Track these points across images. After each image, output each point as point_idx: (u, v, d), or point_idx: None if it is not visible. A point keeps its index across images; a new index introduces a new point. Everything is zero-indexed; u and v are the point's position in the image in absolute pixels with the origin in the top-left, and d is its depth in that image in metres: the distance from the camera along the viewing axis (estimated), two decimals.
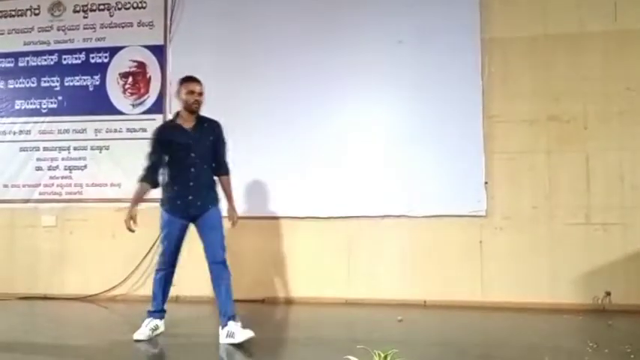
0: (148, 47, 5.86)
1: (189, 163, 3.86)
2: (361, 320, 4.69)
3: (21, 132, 6.02)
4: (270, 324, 4.56)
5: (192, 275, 5.39)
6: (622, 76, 5.02)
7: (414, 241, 5.23)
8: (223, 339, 3.67)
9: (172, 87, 3.87)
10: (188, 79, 3.97)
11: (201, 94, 3.93)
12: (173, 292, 5.40)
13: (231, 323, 3.69)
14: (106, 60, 5.93)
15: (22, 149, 6.00)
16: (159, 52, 5.84)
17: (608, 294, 4.83)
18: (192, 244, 4.02)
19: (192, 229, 3.97)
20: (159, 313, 4.01)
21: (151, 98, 5.82)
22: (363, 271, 5.29)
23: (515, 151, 5.15)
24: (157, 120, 5.73)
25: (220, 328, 3.74)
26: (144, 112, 5.81)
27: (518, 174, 5.14)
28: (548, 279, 4.96)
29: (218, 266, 3.83)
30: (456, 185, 5.17)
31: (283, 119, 5.49)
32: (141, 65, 5.87)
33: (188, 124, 3.93)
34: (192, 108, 3.90)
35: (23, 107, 6.05)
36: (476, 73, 5.24)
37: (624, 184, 4.97)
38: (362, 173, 5.35)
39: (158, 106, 5.78)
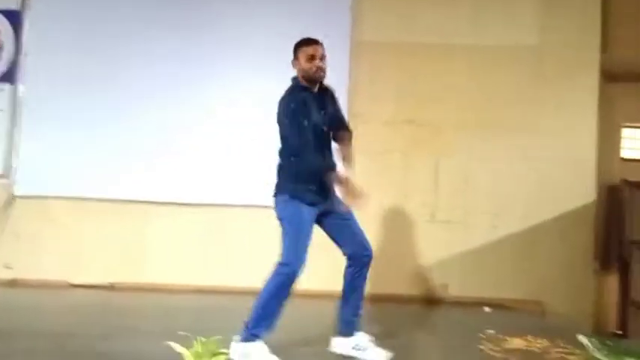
0: (1, 12, 5.40)
1: (322, 139, 3.14)
2: (215, 308, 4.69)
3: None
4: (119, 310, 4.41)
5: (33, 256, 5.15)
6: (474, 88, 5.44)
7: (275, 233, 5.25)
8: (349, 350, 3.15)
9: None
10: (306, 42, 3.17)
11: (323, 57, 3.13)
12: (10, 275, 5.14)
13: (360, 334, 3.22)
14: None
15: None
16: (13, 17, 5.40)
17: (446, 286, 5.24)
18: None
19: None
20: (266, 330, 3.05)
21: (1, 67, 5.38)
22: (225, 259, 5.26)
23: (375, 150, 5.39)
24: (6, 90, 5.35)
25: (341, 336, 3.21)
26: None
27: (375, 172, 5.36)
28: (394, 272, 5.24)
29: (368, 260, 3.21)
30: None
31: (149, 103, 5.34)
32: None
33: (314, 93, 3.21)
34: (314, 77, 3.13)
35: None
36: (344, 72, 5.41)
37: (468, 187, 5.40)
38: (220, 162, 5.33)
39: (10, 76, 5.37)
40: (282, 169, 3.21)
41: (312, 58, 3.11)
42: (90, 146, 5.25)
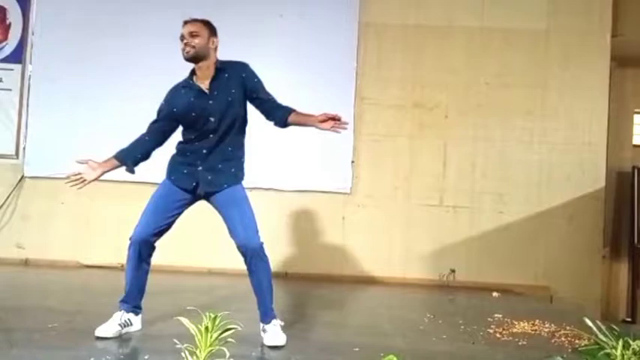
0: None
1: (207, 129, 3.04)
2: (222, 289, 4.71)
3: None
4: None
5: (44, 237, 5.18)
6: (482, 72, 5.39)
7: (280, 214, 5.31)
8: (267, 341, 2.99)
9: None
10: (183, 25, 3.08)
11: (193, 34, 3.01)
12: (22, 255, 5.18)
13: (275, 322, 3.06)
14: None
15: None
16: None
17: (453, 271, 5.23)
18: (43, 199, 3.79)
19: None
20: (129, 304, 3.16)
21: (9, 46, 5.40)
22: (228, 240, 5.28)
23: (382, 133, 5.39)
24: (15, 70, 5.36)
25: (262, 327, 3.07)
26: (1, 61, 5.38)
27: (382, 155, 5.38)
28: (401, 255, 5.28)
29: (248, 251, 3.06)
30: (324, 162, 5.31)
31: (159, 83, 5.25)
32: (0, 10, 5.40)
33: (203, 80, 3.07)
34: (184, 56, 3.04)
35: None
36: (352, 55, 5.39)
37: (475, 171, 5.37)
38: None
39: (17, 55, 5.38)
40: None
41: (181, 39, 3.05)
42: (99, 126, 5.23)
